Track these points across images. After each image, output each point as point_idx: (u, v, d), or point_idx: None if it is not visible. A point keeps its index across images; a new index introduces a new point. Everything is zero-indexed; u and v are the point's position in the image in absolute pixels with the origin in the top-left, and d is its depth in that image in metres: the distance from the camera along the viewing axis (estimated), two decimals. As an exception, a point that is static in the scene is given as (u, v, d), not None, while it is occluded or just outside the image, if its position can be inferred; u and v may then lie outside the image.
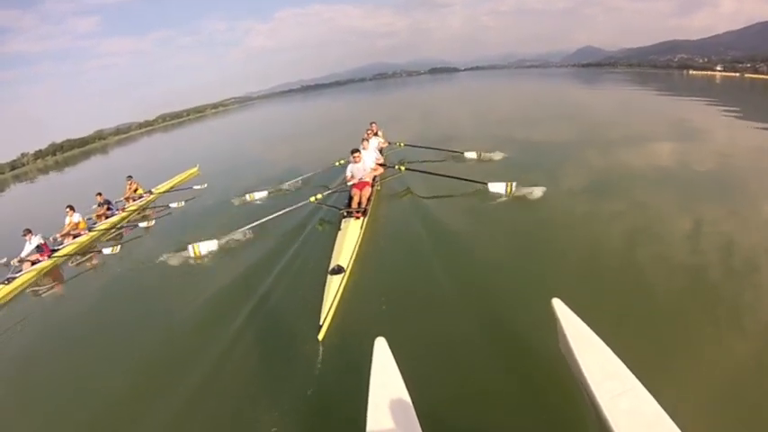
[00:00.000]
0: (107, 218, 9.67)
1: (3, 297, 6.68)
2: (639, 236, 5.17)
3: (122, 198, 10.80)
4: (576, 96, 27.31)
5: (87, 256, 7.98)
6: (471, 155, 9.62)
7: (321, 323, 3.89)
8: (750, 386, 2.88)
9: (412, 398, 2.44)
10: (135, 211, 10.50)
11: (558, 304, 2.93)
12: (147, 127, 74.01)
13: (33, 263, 7.51)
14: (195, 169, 14.24)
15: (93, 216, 9.63)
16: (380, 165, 8.12)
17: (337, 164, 9.71)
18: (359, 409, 2.43)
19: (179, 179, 13.21)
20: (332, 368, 3.48)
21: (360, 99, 51.12)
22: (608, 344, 2.56)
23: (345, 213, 6.27)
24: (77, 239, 8.57)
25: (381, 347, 2.78)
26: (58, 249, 8.12)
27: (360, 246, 5.52)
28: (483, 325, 3.77)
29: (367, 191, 6.97)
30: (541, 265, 4.73)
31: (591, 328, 2.69)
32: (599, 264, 4.63)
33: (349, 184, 7.23)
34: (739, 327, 3.47)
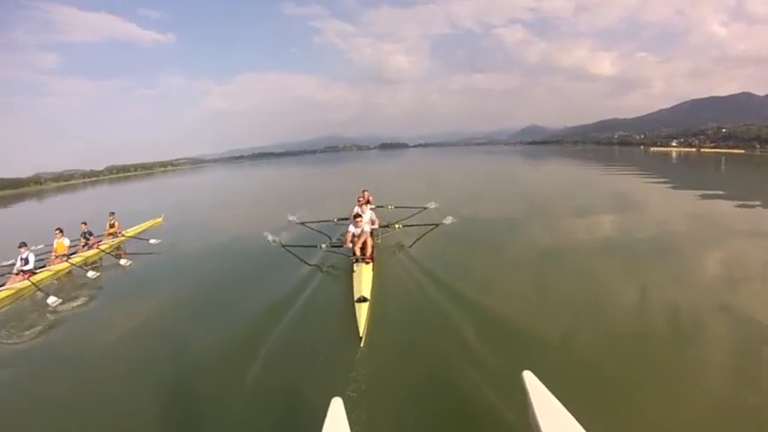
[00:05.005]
0: (87, 247, 9.44)
1: None
2: (599, 303, 5.48)
3: (104, 232, 10.55)
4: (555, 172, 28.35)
5: (69, 280, 7.97)
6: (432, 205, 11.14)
7: (361, 335, 4.87)
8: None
9: None
10: (113, 246, 10.24)
11: (528, 377, 2.84)
12: (93, 177, 69.56)
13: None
14: (160, 219, 14.30)
15: (79, 242, 9.46)
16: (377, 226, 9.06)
17: (335, 220, 10.46)
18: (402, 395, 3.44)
19: (145, 226, 13.15)
20: (372, 365, 4.36)
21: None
22: (579, 420, 2.48)
23: (356, 260, 6.97)
24: (57, 266, 8.49)
25: (337, 408, 2.70)
26: (37, 272, 7.95)
27: (374, 284, 6.25)
28: (455, 386, 3.96)
29: (369, 242, 7.73)
30: (513, 333, 4.90)
31: (561, 401, 2.60)
32: (567, 334, 4.81)
33: (353, 236, 7.88)
34: (710, 393, 3.59)
